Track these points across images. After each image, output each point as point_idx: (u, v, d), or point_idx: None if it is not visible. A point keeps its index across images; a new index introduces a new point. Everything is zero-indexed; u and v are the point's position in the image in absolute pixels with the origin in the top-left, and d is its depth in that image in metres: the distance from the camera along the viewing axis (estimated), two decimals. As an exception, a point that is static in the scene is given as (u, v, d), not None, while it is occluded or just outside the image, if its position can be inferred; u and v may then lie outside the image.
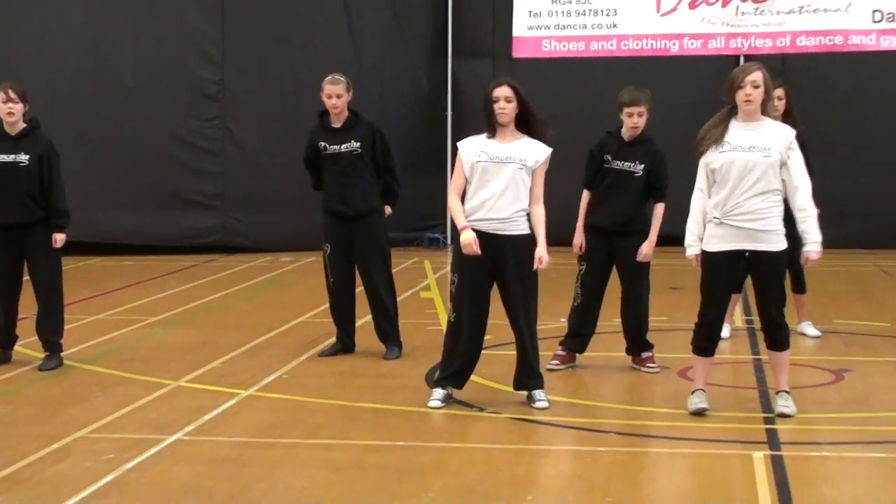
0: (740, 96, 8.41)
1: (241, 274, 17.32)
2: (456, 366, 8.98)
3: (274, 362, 10.71)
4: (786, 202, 8.65)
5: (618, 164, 10.11)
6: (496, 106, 8.82)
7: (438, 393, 8.95)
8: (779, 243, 8.42)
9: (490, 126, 8.90)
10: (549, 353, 10.13)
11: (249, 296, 15.33)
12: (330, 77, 10.96)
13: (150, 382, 9.90)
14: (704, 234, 8.51)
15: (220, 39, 19.99)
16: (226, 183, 20.04)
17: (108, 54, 19.73)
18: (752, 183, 8.32)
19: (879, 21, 20.07)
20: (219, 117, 20.02)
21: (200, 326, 12.88)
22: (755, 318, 9.51)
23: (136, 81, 19.72)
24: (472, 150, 8.87)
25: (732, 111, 8.49)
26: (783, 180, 8.38)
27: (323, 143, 10.78)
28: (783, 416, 8.50)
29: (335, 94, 10.77)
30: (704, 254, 8.52)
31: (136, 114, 19.47)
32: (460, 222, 8.85)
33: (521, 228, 8.82)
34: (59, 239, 10.31)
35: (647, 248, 10.05)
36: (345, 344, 11.02)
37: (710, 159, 8.44)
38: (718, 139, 8.43)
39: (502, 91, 8.84)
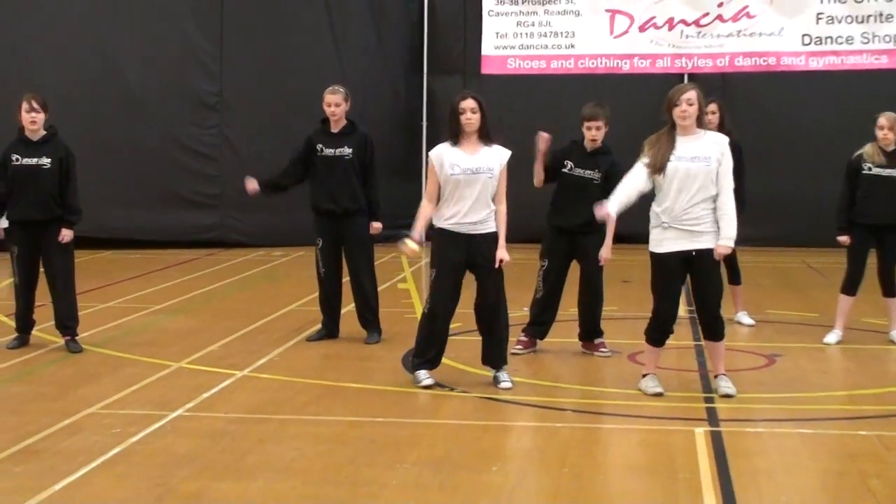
0: (677, 113, 8.44)
1: (236, 267, 17.28)
2: (433, 351, 9.01)
3: (266, 346, 10.69)
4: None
5: (578, 172, 10.13)
6: (463, 117, 8.84)
7: (424, 374, 8.95)
8: (715, 242, 8.45)
9: (454, 135, 8.91)
10: (512, 340, 10.14)
11: (244, 286, 15.31)
12: (330, 88, 11.04)
13: (155, 364, 9.87)
14: (653, 236, 8.51)
15: (219, 56, 19.97)
16: (223, 184, 19.99)
17: (117, 69, 19.67)
18: (695, 191, 8.35)
19: (808, 44, 20.13)
20: (217, 125, 20.01)
21: (200, 314, 12.85)
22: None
23: (143, 93, 19.69)
24: (445, 161, 8.86)
25: (673, 127, 8.51)
26: None
27: (320, 145, 10.80)
28: (727, 396, 8.52)
29: (334, 103, 10.84)
30: (656, 255, 8.50)
31: (142, 122, 19.45)
32: (417, 230, 8.96)
33: (491, 227, 8.89)
34: (66, 234, 10.28)
35: (605, 252, 10.06)
36: (330, 330, 11.01)
37: (654, 165, 8.44)
38: (668, 146, 8.43)
39: (468, 103, 8.87)
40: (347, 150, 10.80)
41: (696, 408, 8.35)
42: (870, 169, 10.63)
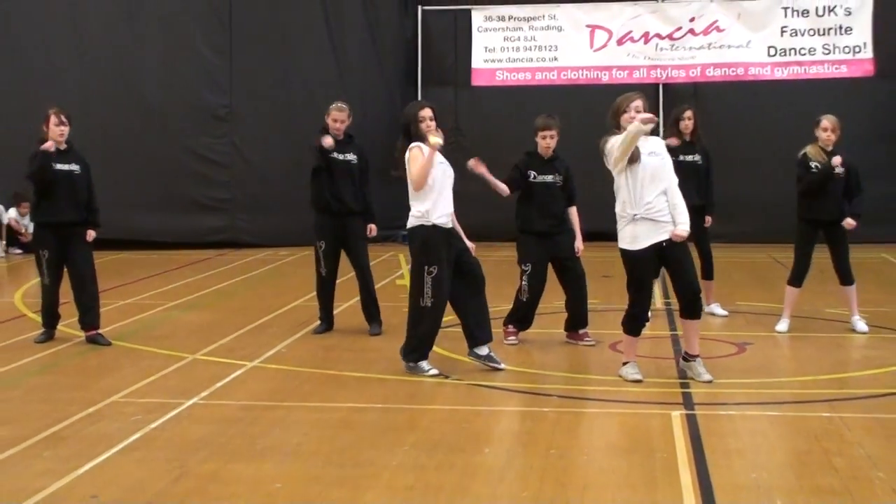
0: (626, 119, 8.46)
1: (246, 265, 17.28)
2: (433, 342, 9.07)
3: (274, 339, 10.69)
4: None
5: (542, 178, 10.18)
6: (429, 124, 8.97)
7: (427, 364, 8.98)
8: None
9: (420, 138, 8.96)
10: (497, 331, 10.20)
11: (253, 284, 15.30)
12: (337, 105, 11.07)
13: (171, 356, 9.88)
14: (625, 235, 8.46)
15: (229, 72, 19.99)
16: (233, 190, 20.03)
17: (137, 87, 19.75)
18: (658, 183, 8.39)
19: (773, 55, 20.21)
20: (227, 136, 20.02)
21: (212, 309, 12.84)
22: (672, 299, 9.54)
23: (160, 107, 19.73)
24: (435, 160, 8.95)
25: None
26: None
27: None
28: (708, 381, 8.53)
29: (340, 119, 10.89)
30: (633, 253, 8.46)
31: (159, 133, 19.49)
32: (429, 157, 8.89)
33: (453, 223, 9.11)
34: (91, 234, 10.43)
35: (580, 244, 10.18)
36: (328, 323, 11.05)
37: (630, 156, 8.40)
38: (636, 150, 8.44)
39: (427, 112, 9.05)
40: (352, 157, 10.90)
41: (672, 392, 8.35)
42: (817, 167, 10.66)
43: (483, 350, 9.06)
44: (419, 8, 21.08)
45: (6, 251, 19.08)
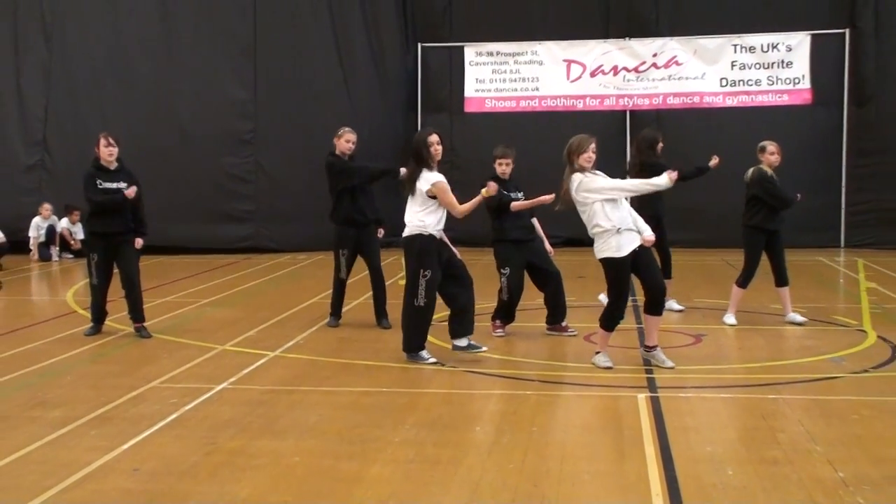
0: (584, 158, 8.53)
1: (269, 268, 17.26)
2: (426, 335, 9.08)
3: (293, 331, 10.68)
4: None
5: (511, 197, 10.16)
6: (436, 147, 8.93)
7: (427, 353, 9.00)
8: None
9: (429, 164, 8.92)
10: (485, 325, 10.19)
11: (275, 284, 15.29)
12: (349, 128, 11.11)
13: (203, 347, 9.86)
14: (611, 245, 8.41)
15: (254, 102, 19.99)
16: (258, 202, 20.03)
17: (173, 112, 19.79)
18: (620, 201, 8.53)
19: (725, 86, 20.27)
20: (252, 156, 20.03)
21: (240, 306, 12.82)
22: (638, 297, 9.54)
23: (193, 131, 19.76)
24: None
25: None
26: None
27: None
28: (670, 368, 8.54)
29: (353, 141, 10.94)
30: (619, 260, 8.40)
31: (193, 155, 19.53)
32: (475, 201, 9.08)
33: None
34: (139, 242, 10.43)
35: (550, 247, 10.36)
36: (338, 319, 11.07)
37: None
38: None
39: (434, 138, 8.98)
40: None
41: (638, 378, 8.35)
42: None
43: (462, 342, 9.03)
44: (419, 45, 21.12)
45: (59, 256, 19.06)
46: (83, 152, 19.30)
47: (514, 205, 10.05)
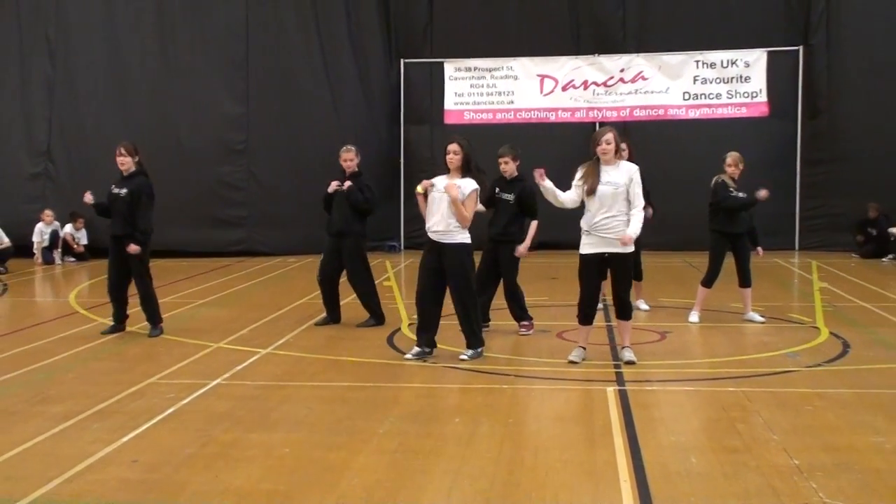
0: (599, 150, 8.48)
1: (260, 270, 17.21)
2: (419, 329, 9.06)
3: (283, 330, 10.65)
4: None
5: (501, 195, 10.18)
6: (447, 157, 8.82)
7: (416, 348, 9.01)
8: (628, 246, 8.47)
9: (445, 169, 8.88)
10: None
11: (266, 285, 15.24)
12: (345, 147, 11.04)
13: (199, 345, 9.82)
14: (581, 242, 8.53)
15: (246, 114, 19.92)
16: (250, 208, 19.96)
17: (170, 124, 19.65)
18: (608, 207, 8.39)
19: (688, 99, 20.36)
20: (245, 165, 19.96)
21: (233, 306, 12.78)
22: (608, 298, 9.56)
23: (190, 143, 19.67)
24: (435, 182, 8.88)
25: (598, 159, 8.54)
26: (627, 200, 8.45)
27: (337, 182, 10.84)
28: (630, 362, 8.57)
29: (346, 160, 10.84)
30: (580, 256, 8.53)
31: (189, 163, 19.41)
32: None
33: (454, 239, 8.74)
34: (132, 248, 10.15)
35: (521, 248, 10.13)
36: (329, 318, 11.08)
37: (587, 188, 8.48)
38: (594, 175, 8.47)
39: (452, 146, 8.85)
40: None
41: (607, 372, 8.37)
42: (739, 194, 10.81)
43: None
44: (401, 61, 21.12)
45: (62, 259, 18.96)
46: (85, 161, 19.45)
47: (520, 250, 10.02)
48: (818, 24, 19.83)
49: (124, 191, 10.25)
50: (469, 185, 8.73)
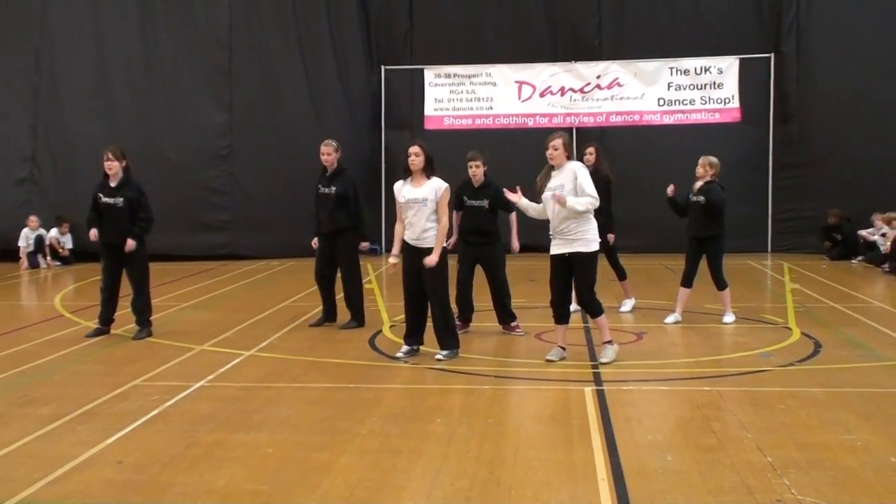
0: (547, 155, 8.61)
1: (244, 274, 17.14)
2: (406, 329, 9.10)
3: (267, 332, 10.61)
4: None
5: (472, 202, 10.18)
6: (409, 159, 8.84)
7: (406, 347, 9.06)
8: (587, 247, 8.52)
9: (406, 172, 8.89)
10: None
11: (250, 288, 15.19)
12: (325, 141, 11.06)
13: (183, 347, 9.77)
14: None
15: (229, 122, 19.84)
16: (234, 213, 19.88)
17: (155, 131, 19.50)
18: (557, 211, 8.46)
19: (662, 105, 20.44)
20: (228, 170, 19.87)
21: (217, 309, 12.72)
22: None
23: (174, 148, 19.58)
24: (398, 193, 8.91)
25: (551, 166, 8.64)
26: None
27: (319, 185, 10.81)
28: (604, 363, 8.58)
29: (324, 153, 10.76)
30: (550, 258, 8.62)
31: (173, 169, 19.28)
32: (393, 250, 8.97)
33: (429, 243, 8.78)
34: (129, 244, 10.17)
35: (515, 244, 10.32)
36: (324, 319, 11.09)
37: (542, 197, 8.61)
38: (544, 181, 8.59)
39: (413, 149, 8.89)
40: (333, 189, 10.73)
41: (585, 372, 8.38)
42: (690, 196, 10.88)
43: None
44: (382, 68, 21.13)
45: (48, 264, 18.83)
46: (70, 167, 19.35)
47: (514, 246, 10.23)
48: (788, 33, 19.97)
49: (120, 200, 10.16)
50: (439, 184, 8.84)
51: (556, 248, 8.62)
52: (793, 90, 19.93)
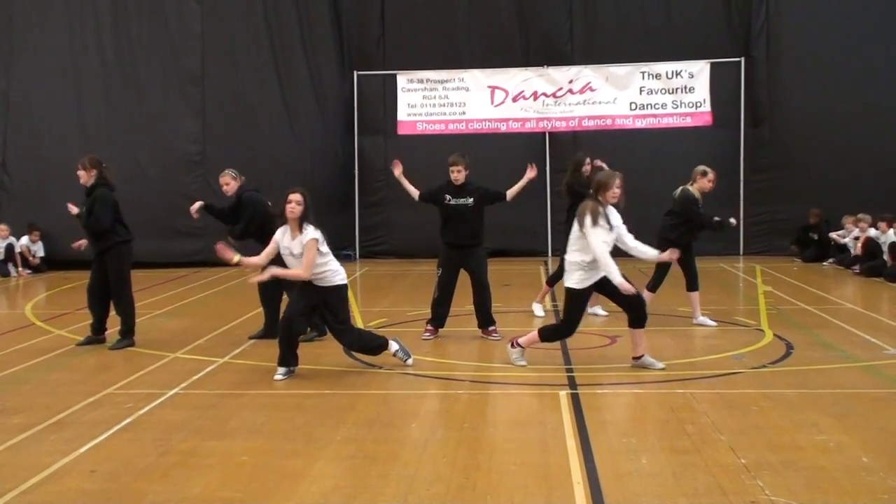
0: (610, 196, 9.12)
1: (218, 281, 17.06)
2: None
3: (240, 339, 10.58)
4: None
5: (455, 202, 10.18)
6: (287, 206, 8.33)
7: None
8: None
9: (282, 217, 8.46)
10: (420, 331, 10.16)
11: (224, 295, 15.12)
12: (223, 171, 11.63)
13: (156, 355, 9.72)
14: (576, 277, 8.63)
15: (202, 129, 19.70)
16: (207, 219, 19.58)
17: (127, 138, 19.24)
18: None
19: (634, 109, 20.49)
20: (201, 176, 19.71)
21: (191, 316, 12.66)
22: (559, 302, 9.58)
23: (147, 155, 19.37)
24: (279, 241, 8.58)
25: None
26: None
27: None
28: (661, 370, 8.58)
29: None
30: (576, 291, 8.56)
31: (146, 176, 19.11)
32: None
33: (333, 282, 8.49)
34: (80, 243, 10.40)
35: (512, 190, 10.25)
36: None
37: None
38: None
39: (294, 196, 8.36)
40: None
41: (559, 377, 8.40)
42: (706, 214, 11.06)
43: (394, 346, 8.93)
44: (355, 73, 21.07)
45: (19, 273, 18.65)
46: (41, 174, 19.18)
47: (510, 192, 10.14)
48: (758, 37, 20.13)
49: (84, 209, 10.19)
50: (307, 236, 8.30)
51: (595, 277, 8.64)
52: (763, 94, 20.08)
